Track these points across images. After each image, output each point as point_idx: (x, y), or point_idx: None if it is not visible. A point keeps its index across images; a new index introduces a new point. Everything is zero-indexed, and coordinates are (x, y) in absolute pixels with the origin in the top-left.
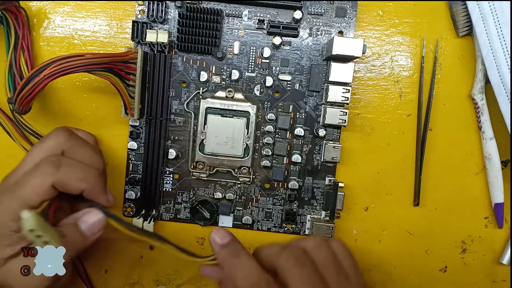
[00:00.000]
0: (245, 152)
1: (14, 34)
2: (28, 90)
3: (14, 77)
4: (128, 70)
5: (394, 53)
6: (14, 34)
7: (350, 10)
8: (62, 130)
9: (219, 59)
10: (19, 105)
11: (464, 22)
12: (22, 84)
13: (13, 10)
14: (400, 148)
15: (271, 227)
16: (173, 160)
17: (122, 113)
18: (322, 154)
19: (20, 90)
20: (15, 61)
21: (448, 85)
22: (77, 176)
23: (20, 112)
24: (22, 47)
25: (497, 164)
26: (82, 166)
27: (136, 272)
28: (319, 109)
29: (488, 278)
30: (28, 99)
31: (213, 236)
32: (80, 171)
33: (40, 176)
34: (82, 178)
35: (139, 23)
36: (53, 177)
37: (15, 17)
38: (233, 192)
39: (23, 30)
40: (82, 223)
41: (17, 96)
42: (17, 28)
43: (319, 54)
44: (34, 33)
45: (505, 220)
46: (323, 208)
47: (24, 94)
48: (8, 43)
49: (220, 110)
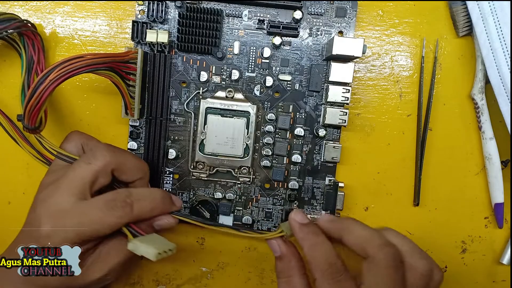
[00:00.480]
0: (245, 152)
1: (30, 58)
2: (36, 98)
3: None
4: (128, 70)
5: (394, 53)
6: (30, 58)
7: (350, 10)
8: (104, 148)
9: (219, 59)
10: (28, 118)
11: (464, 22)
12: (30, 92)
13: (29, 35)
14: (400, 148)
15: (271, 227)
16: (173, 160)
17: (122, 113)
18: (322, 154)
19: (28, 101)
20: (27, 84)
21: (448, 85)
22: (148, 208)
23: (30, 128)
24: (37, 71)
25: (497, 164)
26: (149, 196)
27: (136, 272)
28: (319, 109)
29: (488, 278)
30: (36, 108)
31: (293, 216)
32: (149, 203)
33: (115, 219)
34: (152, 208)
35: (139, 23)
36: (128, 219)
37: (32, 43)
38: (233, 192)
39: (38, 56)
40: (158, 227)
41: (26, 107)
42: (33, 54)
43: (319, 54)
44: (49, 55)
45: (505, 220)
46: (323, 208)
47: (32, 104)
48: (22, 66)
49: (220, 110)
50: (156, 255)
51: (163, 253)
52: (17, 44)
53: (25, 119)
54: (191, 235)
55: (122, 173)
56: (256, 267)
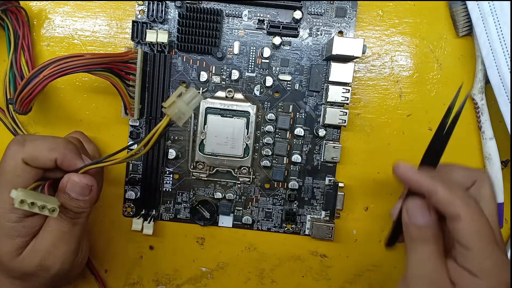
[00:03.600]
0: (245, 152)
1: (14, 34)
2: (28, 91)
3: (15, 77)
4: (128, 70)
5: (394, 53)
6: (14, 34)
7: (350, 10)
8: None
9: (219, 59)
10: (20, 105)
11: (464, 22)
12: (22, 85)
13: (13, 10)
14: (400, 148)
15: (271, 227)
16: (173, 160)
17: (122, 113)
18: (322, 154)
19: (20, 91)
20: (15, 61)
21: (448, 85)
22: (44, 146)
23: (20, 113)
24: (23, 47)
25: (497, 164)
26: (46, 137)
27: (136, 272)
28: (319, 109)
29: None
30: (28, 99)
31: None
32: (46, 142)
33: (9, 158)
34: (50, 148)
35: (139, 23)
36: (20, 154)
37: (15, 17)
38: (233, 192)
39: (23, 30)
40: (71, 192)
41: (18, 96)
42: (17, 28)
43: (319, 54)
44: (34, 34)
45: (505, 220)
46: (323, 208)
47: (24, 95)
48: (8, 44)
49: (220, 110)
50: (18, 201)
51: (30, 205)
52: (2, 20)
53: (16, 105)
54: (191, 235)
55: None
56: (256, 267)
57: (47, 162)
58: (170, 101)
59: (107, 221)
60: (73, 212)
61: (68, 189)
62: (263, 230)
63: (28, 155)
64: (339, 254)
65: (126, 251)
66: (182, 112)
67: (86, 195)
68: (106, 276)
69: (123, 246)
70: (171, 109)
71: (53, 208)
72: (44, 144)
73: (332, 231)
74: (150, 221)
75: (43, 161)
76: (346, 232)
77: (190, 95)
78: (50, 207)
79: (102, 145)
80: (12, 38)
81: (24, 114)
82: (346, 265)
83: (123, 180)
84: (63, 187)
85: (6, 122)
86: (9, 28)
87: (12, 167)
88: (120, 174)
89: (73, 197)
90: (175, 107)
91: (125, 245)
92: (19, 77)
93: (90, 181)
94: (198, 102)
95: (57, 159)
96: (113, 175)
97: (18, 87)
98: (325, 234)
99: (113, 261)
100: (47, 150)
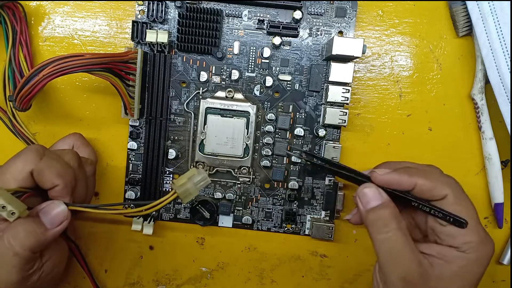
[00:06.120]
0: (245, 152)
1: (12, 29)
2: (28, 89)
3: (14, 73)
4: (128, 70)
5: (394, 53)
6: (12, 29)
7: (350, 10)
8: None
9: (219, 59)
10: (20, 103)
11: (464, 22)
12: (22, 83)
13: (10, 6)
14: (400, 148)
15: (271, 227)
16: (173, 160)
17: (122, 113)
18: (322, 154)
19: (20, 89)
20: (14, 57)
21: (448, 85)
22: (56, 170)
23: (20, 110)
24: (21, 42)
25: (497, 164)
26: (63, 163)
27: (136, 272)
28: (319, 109)
29: (488, 278)
30: (28, 97)
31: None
32: (60, 167)
33: (21, 161)
34: (60, 174)
35: (139, 23)
36: (33, 165)
37: (12, 13)
38: (233, 192)
39: (20, 25)
40: (43, 214)
41: (17, 94)
42: (15, 24)
43: (319, 54)
44: (32, 32)
45: (505, 220)
46: (323, 208)
47: (24, 93)
48: (6, 40)
49: (220, 110)
50: None
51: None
52: None
53: (16, 103)
54: (191, 235)
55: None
56: (256, 267)
57: (47, 184)
58: (181, 181)
59: (107, 221)
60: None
61: (42, 212)
62: (263, 230)
63: (38, 171)
64: (339, 254)
65: (126, 251)
66: (190, 192)
67: (56, 225)
68: (106, 276)
69: (123, 246)
70: (180, 188)
71: (12, 211)
72: (58, 167)
73: (332, 231)
74: (150, 221)
75: (45, 182)
76: (346, 232)
77: (201, 179)
78: (10, 210)
79: (102, 145)
80: (10, 33)
81: (24, 111)
82: (346, 265)
83: (123, 180)
84: (39, 208)
85: (6, 122)
86: (6, 23)
87: (17, 172)
88: (120, 174)
89: (43, 220)
90: (185, 187)
91: (125, 245)
92: (18, 73)
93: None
94: (206, 185)
95: (59, 185)
96: (113, 175)
97: (18, 85)
98: (325, 234)
99: (113, 261)
100: (55, 175)
